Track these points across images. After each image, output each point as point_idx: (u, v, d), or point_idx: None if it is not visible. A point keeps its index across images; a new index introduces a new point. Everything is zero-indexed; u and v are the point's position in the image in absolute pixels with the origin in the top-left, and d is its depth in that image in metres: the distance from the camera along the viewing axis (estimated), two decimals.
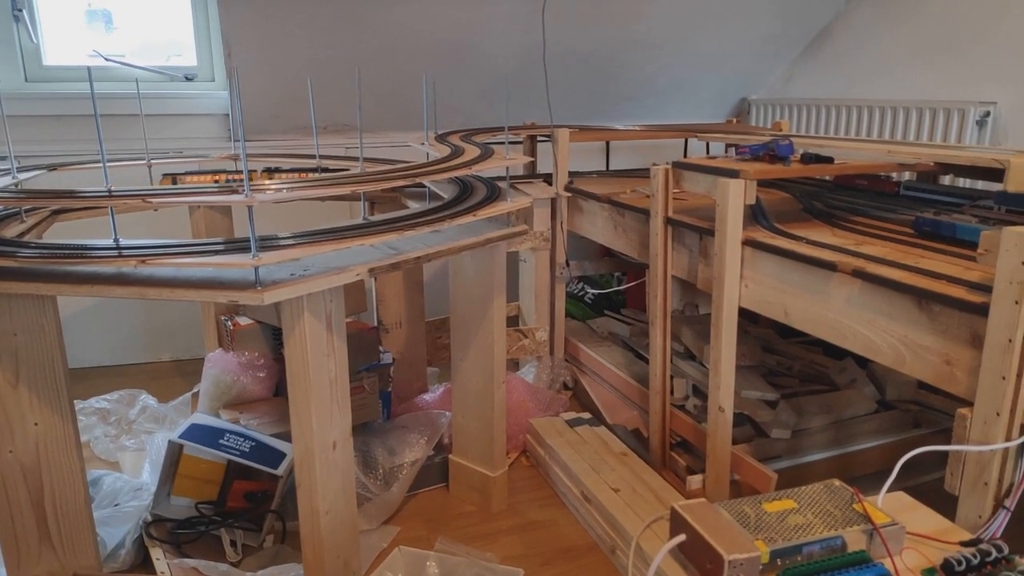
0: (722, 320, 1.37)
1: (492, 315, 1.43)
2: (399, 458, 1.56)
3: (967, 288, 0.96)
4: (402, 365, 1.81)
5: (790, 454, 1.54)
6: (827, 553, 0.75)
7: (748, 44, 2.47)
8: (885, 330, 1.06)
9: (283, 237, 1.09)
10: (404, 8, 1.97)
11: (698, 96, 2.69)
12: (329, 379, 1.11)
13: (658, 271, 1.57)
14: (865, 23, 2.30)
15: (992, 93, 1.94)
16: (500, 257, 1.41)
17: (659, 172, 1.51)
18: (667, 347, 1.62)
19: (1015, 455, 0.91)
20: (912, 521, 0.83)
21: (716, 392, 1.41)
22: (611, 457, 1.61)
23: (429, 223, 1.17)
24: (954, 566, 0.73)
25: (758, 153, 1.43)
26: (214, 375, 1.64)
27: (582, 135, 2.01)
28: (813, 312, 1.20)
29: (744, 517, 0.79)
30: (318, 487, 1.12)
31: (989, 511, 0.92)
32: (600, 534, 1.43)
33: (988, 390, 0.90)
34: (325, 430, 1.12)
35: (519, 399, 1.84)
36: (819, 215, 1.48)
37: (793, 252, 1.21)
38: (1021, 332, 0.86)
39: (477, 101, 2.35)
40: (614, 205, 1.79)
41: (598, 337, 2.22)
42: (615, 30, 2.24)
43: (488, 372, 1.46)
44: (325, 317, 1.08)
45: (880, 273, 1.05)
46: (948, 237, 1.21)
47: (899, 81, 2.20)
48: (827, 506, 0.80)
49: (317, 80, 2.11)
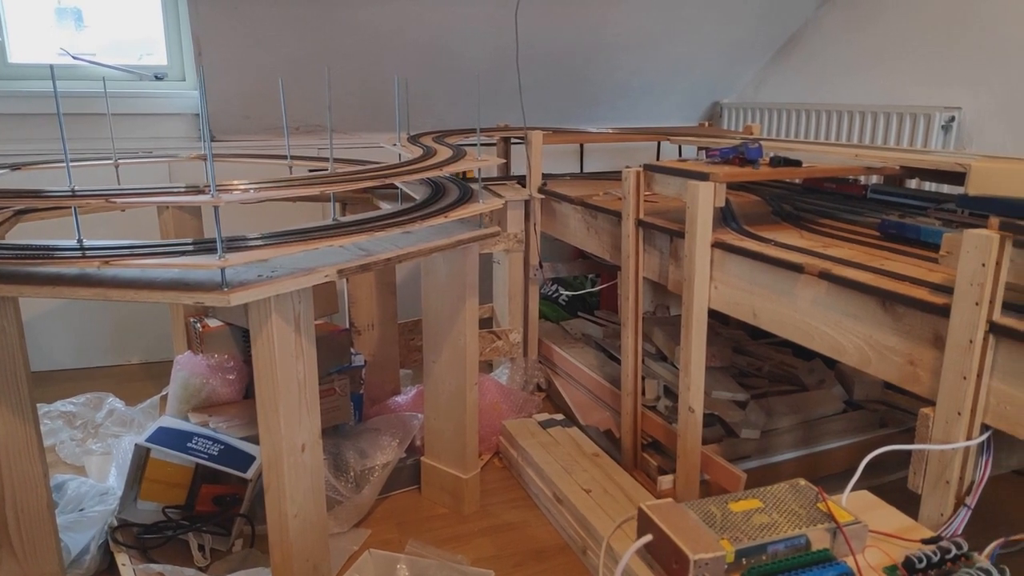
0: (692, 321, 1.38)
1: (464, 317, 1.42)
2: (371, 460, 1.55)
3: (930, 290, 0.98)
4: (374, 367, 1.80)
5: (760, 454, 1.56)
6: (791, 552, 0.76)
7: (720, 48, 2.49)
8: (851, 331, 1.08)
9: (251, 238, 1.08)
10: (376, 9, 1.96)
11: (671, 99, 2.71)
12: (298, 381, 1.10)
13: (630, 273, 1.58)
14: (834, 29, 2.34)
15: (957, 98, 1.98)
16: (472, 259, 1.41)
17: (631, 175, 1.52)
18: (638, 348, 1.63)
19: (975, 454, 0.93)
20: (875, 519, 0.84)
21: (686, 393, 1.42)
22: (583, 458, 1.61)
23: (400, 224, 1.16)
24: (915, 563, 0.74)
25: (728, 156, 1.44)
26: (183, 378, 1.62)
27: (555, 137, 2.02)
28: (781, 313, 1.21)
29: (710, 517, 0.79)
30: (286, 490, 1.11)
31: (951, 509, 0.94)
32: (572, 535, 1.43)
33: (950, 390, 0.92)
34: (293, 433, 1.11)
35: (492, 401, 1.84)
36: (788, 218, 1.50)
37: (761, 254, 1.22)
38: (981, 333, 0.87)
39: (450, 103, 2.34)
40: (587, 207, 1.79)
41: (571, 338, 2.23)
42: (589, 33, 2.25)
43: (460, 374, 1.46)
44: (293, 319, 1.07)
45: (846, 275, 1.07)
46: (912, 239, 1.23)
47: (867, 86, 2.23)
48: (792, 505, 0.81)
49: (289, 80, 2.09)
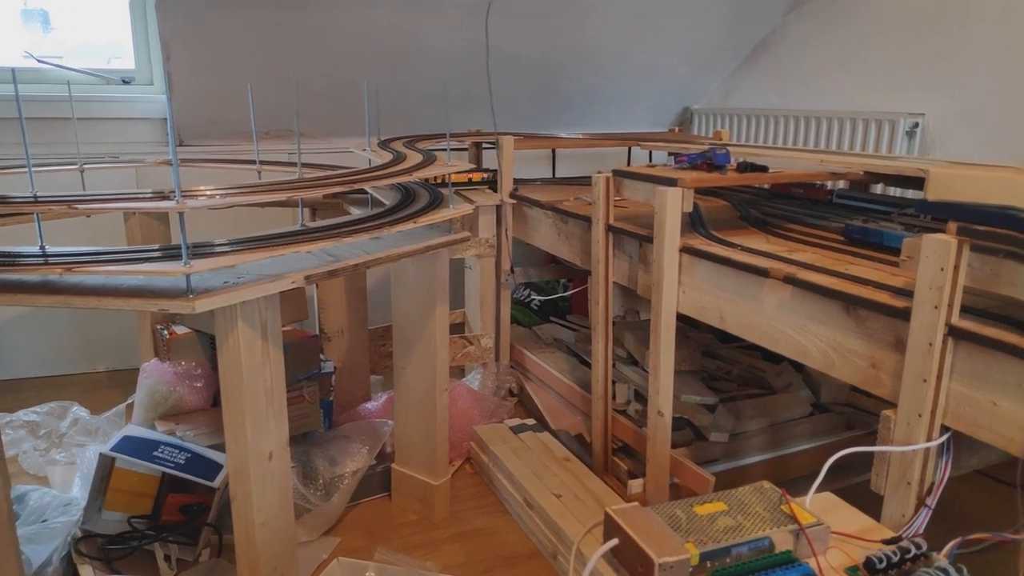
0: (660, 326, 1.39)
1: (435, 322, 1.42)
2: (340, 468, 1.54)
3: (891, 293, 1.00)
4: (344, 373, 1.79)
5: (728, 457, 1.57)
6: (755, 554, 0.76)
7: (690, 55, 2.52)
8: (815, 334, 1.10)
9: (218, 244, 1.07)
10: (346, 13, 1.96)
11: (642, 105, 2.73)
12: (264, 389, 1.09)
13: (599, 278, 1.59)
14: (800, 36, 2.38)
15: (921, 105, 2.02)
16: (443, 264, 1.40)
17: (600, 180, 1.53)
18: (608, 353, 1.64)
19: (936, 455, 0.94)
20: (838, 521, 0.86)
21: (655, 397, 1.43)
22: (554, 463, 1.61)
23: (368, 230, 1.16)
24: (875, 564, 0.75)
25: (696, 162, 1.46)
26: (149, 385, 1.59)
27: (527, 143, 2.02)
28: (747, 317, 1.22)
29: (676, 520, 0.80)
30: (253, 499, 1.09)
31: (912, 509, 0.96)
32: (542, 540, 1.43)
33: (910, 392, 0.93)
34: (260, 441, 1.09)
35: (464, 406, 1.83)
36: (755, 222, 1.52)
37: (728, 259, 1.24)
38: (940, 336, 0.89)
39: (422, 107, 2.34)
40: (558, 212, 1.80)
41: (543, 343, 2.23)
42: (560, 40, 2.26)
43: (431, 380, 1.45)
44: (260, 325, 1.06)
45: (810, 279, 1.09)
46: (876, 244, 1.25)
47: (834, 92, 2.28)
48: (756, 508, 0.82)
49: (258, 85, 2.07)
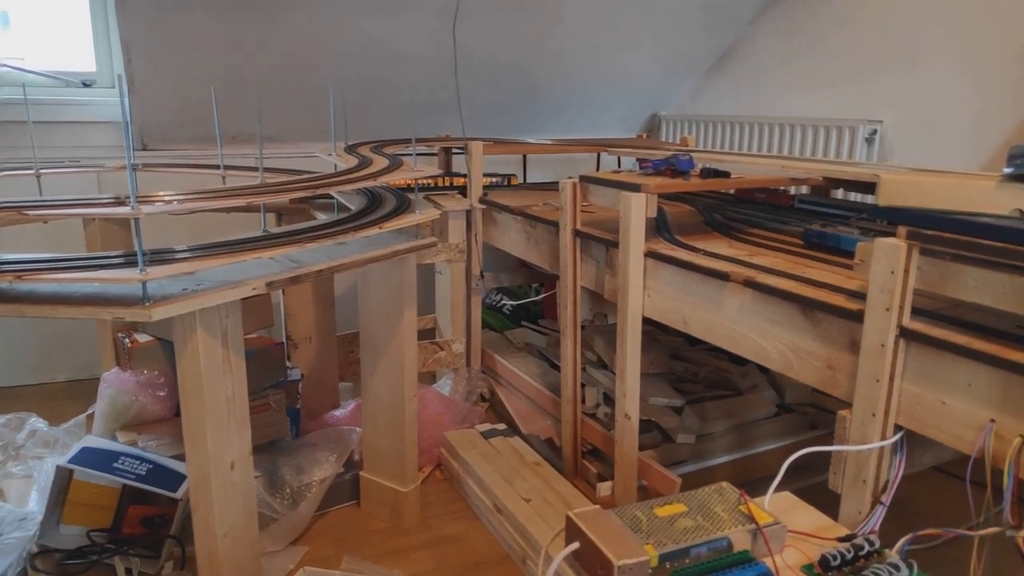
0: (627, 329, 1.40)
1: (402, 328, 1.41)
2: (308, 476, 1.52)
3: (846, 296, 1.02)
4: (312, 381, 1.77)
5: (695, 458, 1.59)
6: (714, 554, 0.77)
7: (658, 62, 2.55)
8: (774, 337, 1.11)
9: (177, 250, 1.05)
10: (313, 17, 1.95)
11: (611, 111, 2.76)
12: (226, 397, 1.08)
13: (567, 282, 1.60)
14: (765, 44, 2.42)
15: (879, 112, 2.07)
16: (410, 269, 1.40)
17: (567, 186, 1.54)
18: (577, 356, 1.65)
19: (890, 453, 0.96)
20: (795, 520, 0.87)
21: (622, 400, 1.44)
22: (524, 467, 1.62)
23: (332, 235, 1.15)
24: (830, 561, 0.77)
25: (660, 168, 1.47)
26: (110, 395, 1.57)
27: (496, 148, 2.03)
28: (710, 320, 1.24)
29: (637, 522, 0.80)
30: (215, 510, 1.08)
31: (868, 507, 0.97)
32: (512, 545, 1.43)
33: (864, 392, 0.95)
34: (222, 450, 1.08)
35: (434, 412, 1.83)
36: (718, 227, 1.54)
37: (690, 263, 1.25)
38: (892, 337, 0.91)
39: (390, 112, 2.34)
40: (526, 217, 1.81)
41: (514, 348, 2.23)
42: (530, 46, 2.27)
43: (399, 386, 1.44)
44: (221, 333, 1.05)
45: (769, 283, 1.10)
46: (833, 248, 1.28)
47: (797, 99, 2.32)
48: (716, 508, 0.83)
49: (224, 89, 2.05)
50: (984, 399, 0.84)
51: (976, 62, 1.81)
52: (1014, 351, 0.82)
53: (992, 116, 1.78)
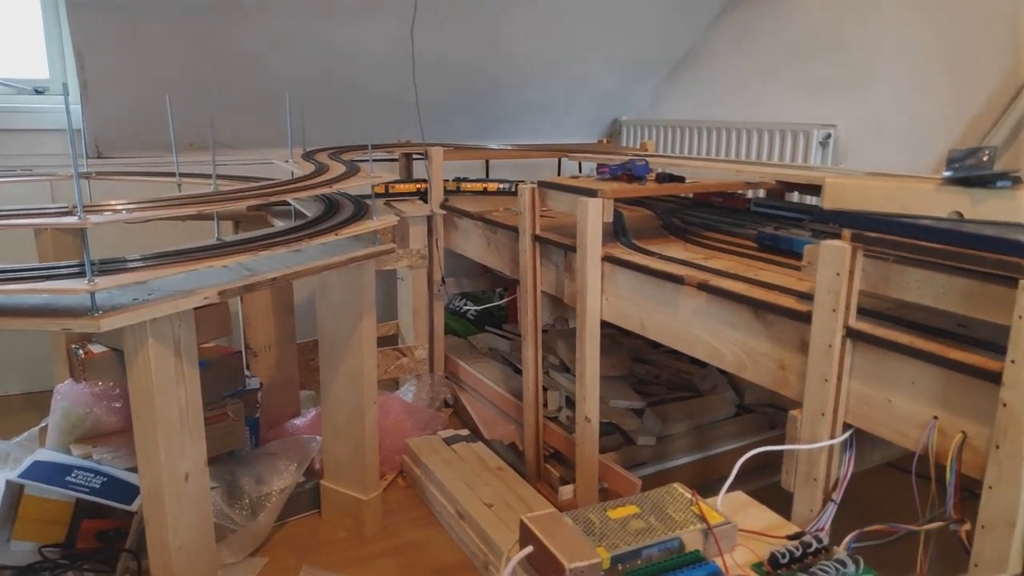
0: (585, 333, 1.41)
1: (361, 335, 1.41)
2: (267, 486, 1.50)
3: (796, 298, 1.04)
4: (272, 389, 1.75)
5: (656, 460, 1.60)
6: (665, 555, 0.78)
7: (617, 67, 2.57)
8: (728, 338, 1.13)
9: (128, 260, 1.04)
10: (270, 22, 1.93)
11: (573, 116, 2.77)
12: (179, 408, 1.06)
13: (528, 287, 1.60)
14: (722, 51, 2.46)
15: (833, 116, 2.11)
16: (368, 276, 1.39)
17: (526, 191, 1.55)
18: (538, 361, 1.65)
19: (840, 452, 0.99)
20: (747, 519, 0.88)
21: (583, 403, 1.45)
22: (487, 472, 1.62)
23: (286, 243, 1.14)
24: (779, 559, 0.78)
25: (617, 173, 1.49)
26: (64, 407, 1.53)
27: (456, 154, 2.03)
28: (666, 323, 1.26)
29: (590, 525, 0.81)
30: (168, 522, 1.06)
31: (820, 505, 0.99)
32: (474, 550, 1.43)
33: (814, 392, 0.97)
34: (175, 462, 1.06)
35: (396, 419, 1.82)
36: (675, 231, 1.56)
37: (646, 267, 1.27)
38: (839, 337, 0.93)
39: (350, 118, 2.32)
40: (487, 223, 1.81)
41: (478, 353, 2.23)
42: (489, 51, 2.28)
43: (358, 394, 1.44)
44: (173, 343, 1.03)
45: (722, 286, 1.12)
46: (786, 250, 1.30)
47: (754, 104, 2.36)
48: (668, 509, 0.84)
49: (181, 95, 2.02)
50: (927, 397, 0.87)
51: (925, 68, 1.87)
52: (955, 349, 0.84)
53: (940, 120, 1.84)
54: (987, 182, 0.85)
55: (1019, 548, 0.77)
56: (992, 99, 1.71)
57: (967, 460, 0.83)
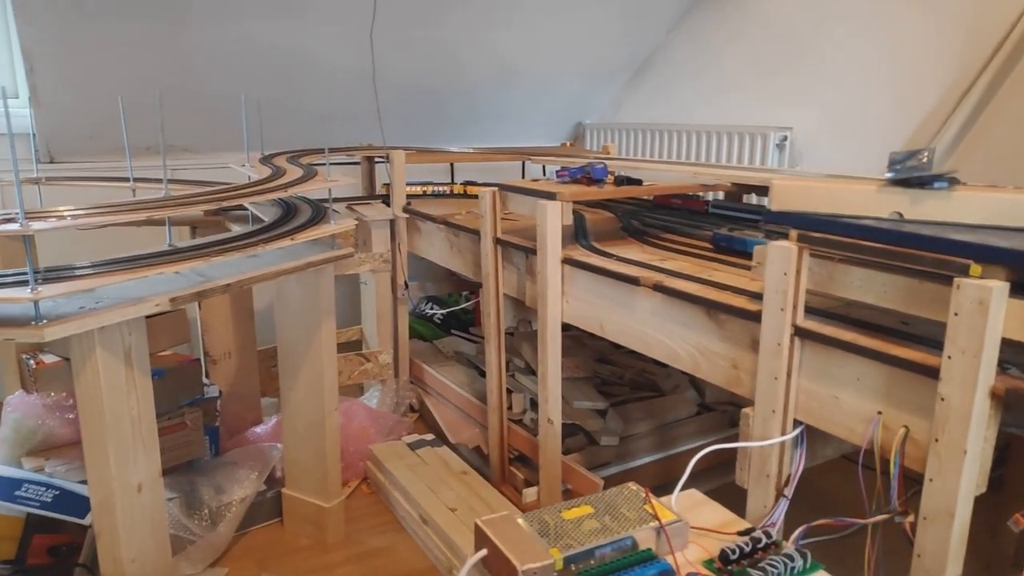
0: (547, 335, 1.42)
1: (321, 341, 1.39)
2: (227, 496, 1.48)
3: (747, 298, 1.06)
4: (233, 397, 1.73)
5: (619, 460, 1.62)
6: (618, 554, 0.79)
7: (580, 71, 2.59)
8: (683, 338, 1.15)
9: (76, 267, 1.02)
10: (228, 27, 1.91)
11: (538, 119, 2.79)
12: (131, 418, 1.04)
13: (490, 290, 1.61)
14: (682, 55, 2.49)
15: (789, 119, 2.15)
16: (327, 281, 1.38)
17: (487, 195, 1.55)
18: (502, 364, 1.65)
19: (791, 448, 1.00)
20: (700, 516, 0.90)
21: (544, 405, 1.45)
22: (451, 477, 1.61)
23: (240, 248, 1.13)
24: (729, 555, 0.79)
25: (576, 176, 1.50)
26: (15, 420, 1.49)
27: (418, 157, 2.03)
28: (624, 324, 1.27)
29: (544, 526, 0.81)
30: (120, 534, 1.04)
31: (773, 501, 1.01)
32: (438, 555, 1.43)
33: (765, 390, 0.99)
34: (127, 473, 1.04)
35: (360, 425, 1.81)
36: (634, 233, 1.57)
37: (604, 269, 1.28)
38: (788, 336, 0.95)
39: (310, 122, 2.30)
40: (449, 226, 1.81)
41: (444, 357, 2.23)
42: (453, 54, 2.28)
43: (319, 401, 1.42)
44: (123, 352, 1.01)
45: (676, 286, 1.14)
46: (740, 251, 1.33)
47: (713, 108, 2.39)
48: (622, 508, 0.85)
49: (137, 99, 1.98)
50: (871, 392, 0.89)
51: (877, 72, 1.91)
52: (896, 346, 0.87)
53: (892, 122, 1.88)
54: (925, 183, 0.88)
55: (959, 538, 0.80)
56: (941, 101, 1.76)
57: (910, 454, 0.85)
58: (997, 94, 1.66)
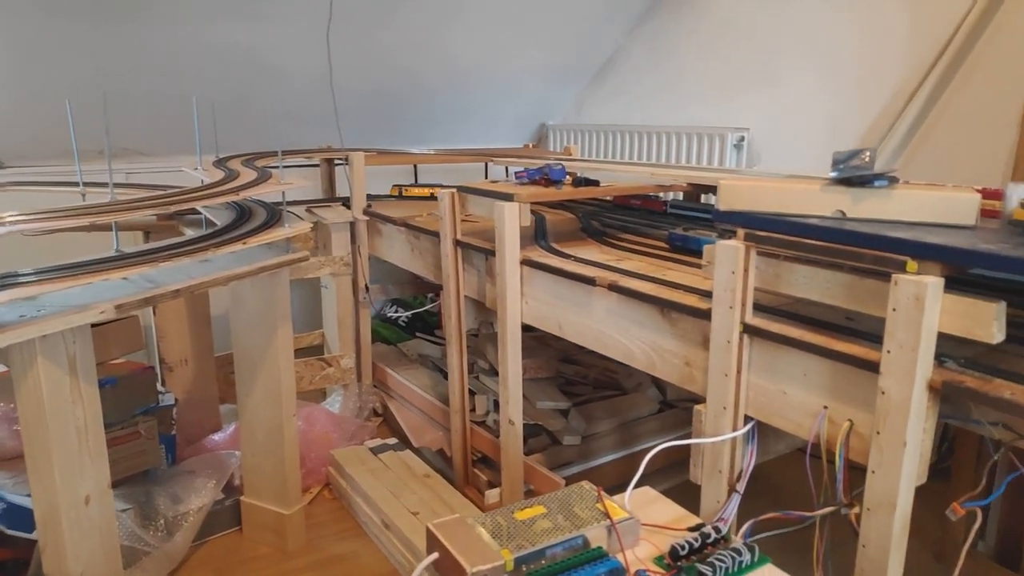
0: (507, 336, 1.42)
1: (277, 346, 1.38)
2: (184, 505, 1.46)
3: (699, 296, 1.07)
4: (190, 405, 1.70)
5: (581, 459, 1.62)
6: (569, 553, 0.79)
7: (542, 73, 2.60)
8: (638, 337, 1.16)
9: (18, 274, 0.99)
10: (182, 28, 1.87)
11: (502, 121, 2.79)
12: (76, 428, 1.02)
13: (451, 292, 1.60)
14: (642, 56, 2.51)
15: (746, 120, 2.19)
16: (282, 285, 1.37)
17: (446, 196, 1.55)
18: (464, 366, 1.65)
19: (742, 444, 1.02)
20: (653, 513, 0.91)
21: (505, 406, 1.45)
22: (413, 480, 1.60)
23: (190, 253, 1.11)
24: (679, 551, 0.80)
25: (534, 177, 1.50)
26: None
27: (379, 159, 2.02)
28: (581, 324, 1.27)
29: (497, 528, 0.81)
30: (67, 548, 1.02)
31: (725, 496, 1.02)
32: (400, 560, 1.42)
33: (716, 386, 1.00)
34: (73, 485, 1.02)
35: (322, 431, 1.79)
36: (594, 234, 1.58)
37: (561, 270, 1.28)
38: (736, 333, 0.96)
39: (268, 124, 2.27)
40: (410, 228, 1.80)
41: (408, 360, 2.22)
42: (414, 56, 2.27)
43: (276, 407, 1.41)
44: (67, 361, 0.99)
45: (630, 286, 1.14)
46: (694, 250, 1.34)
47: (673, 108, 2.42)
48: (574, 508, 0.85)
49: (89, 101, 1.94)
50: (817, 387, 0.90)
51: (831, 71, 1.95)
52: (840, 342, 0.88)
53: (846, 120, 1.92)
54: (866, 182, 0.89)
55: (901, 528, 0.81)
56: (891, 102, 1.80)
57: (854, 447, 0.86)
58: (943, 94, 1.70)
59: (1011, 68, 1.56)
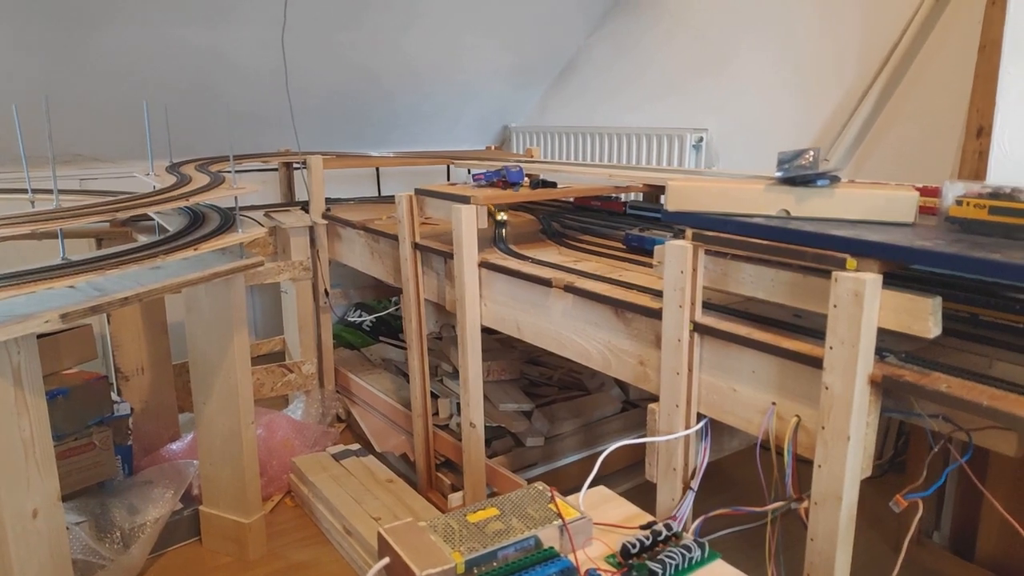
0: (467, 339, 1.42)
1: (234, 352, 1.36)
2: (141, 516, 1.43)
3: (651, 296, 1.08)
4: (147, 414, 1.67)
5: (545, 460, 1.63)
6: (521, 554, 0.79)
7: (504, 74, 2.60)
8: (593, 338, 1.16)
9: None
10: (134, 28, 1.84)
11: (464, 123, 2.79)
12: (23, 441, 0.99)
13: (411, 295, 1.60)
14: (602, 58, 2.53)
15: (705, 121, 2.21)
16: (238, 291, 1.35)
17: (403, 199, 1.54)
18: (426, 369, 1.65)
19: (695, 441, 1.03)
20: (606, 512, 0.91)
21: (467, 409, 1.45)
22: (376, 486, 1.60)
23: (140, 260, 1.09)
24: (630, 549, 0.81)
25: (492, 179, 1.50)
26: None
27: (338, 162, 2.00)
28: (539, 325, 1.28)
29: (449, 531, 0.81)
30: (14, 563, 0.99)
31: (680, 493, 1.03)
32: (363, 566, 1.41)
33: (668, 385, 1.02)
34: (19, 499, 0.99)
35: (283, 438, 1.77)
36: (553, 235, 1.59)
37: (518, 272, 1.29)
38: (687, 331, 0.98)
39: (224, 128, 2.25)
40: (369, 232, 1.79)
41: (371, 365, 2.20)
42: (367, 60, 2.25)
43: (234, 414, 1.39)
44: (11, 372, 0.97)
45: (585, 287, 1.15)
46: (649, 250, 1.35)
47: (633, 110, 2.44)
48: (528, 509, 0.85)
49: (39, 106, 1.90)
50: (766, 384, 0.92)
51: (785, 74, 1.98)
52: (787, 339, 0.90)
53: (801, 121, 1.95)
54: (810, 181, 0.91)
55: (847, 520, 0.83)
56: (843, 102, 1.84)
57: (802, 442, 0.88)
58: (893, 95, 1.74)
59: (957, 67, 1.61)
